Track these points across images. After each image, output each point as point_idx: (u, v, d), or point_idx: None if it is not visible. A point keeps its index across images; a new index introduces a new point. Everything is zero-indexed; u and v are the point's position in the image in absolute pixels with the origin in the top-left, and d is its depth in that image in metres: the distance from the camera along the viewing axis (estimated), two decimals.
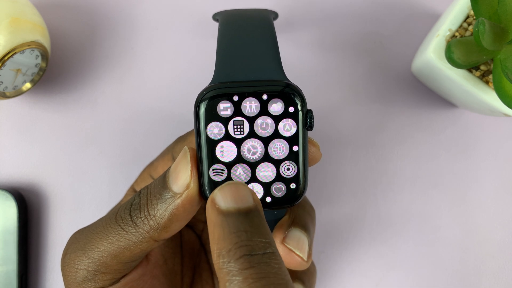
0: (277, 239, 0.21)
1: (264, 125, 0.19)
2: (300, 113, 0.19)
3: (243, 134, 0.19)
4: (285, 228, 0.21)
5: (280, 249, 0.21)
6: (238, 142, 0.19)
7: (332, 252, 0.34)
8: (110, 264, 0.20)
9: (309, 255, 0.21)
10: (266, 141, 0.19)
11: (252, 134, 0.19)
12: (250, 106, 0.18)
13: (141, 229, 0.19)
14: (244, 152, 0.19)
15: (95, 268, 0.20)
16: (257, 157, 0.19)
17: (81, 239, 0.20)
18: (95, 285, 0.20)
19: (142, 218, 0.19)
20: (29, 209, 0.34)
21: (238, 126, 0.19)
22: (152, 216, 0.19)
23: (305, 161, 0.19)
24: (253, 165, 0.19)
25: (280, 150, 0.19)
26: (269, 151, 0.19)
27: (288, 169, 0.19)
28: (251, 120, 0.19)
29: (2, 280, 0.31)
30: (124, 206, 0.20)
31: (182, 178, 0.19)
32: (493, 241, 0.34)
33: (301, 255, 0.21)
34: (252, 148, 0.19)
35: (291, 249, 0.21)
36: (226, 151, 0.19)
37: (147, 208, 0.19)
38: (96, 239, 0.20)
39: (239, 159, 0.19)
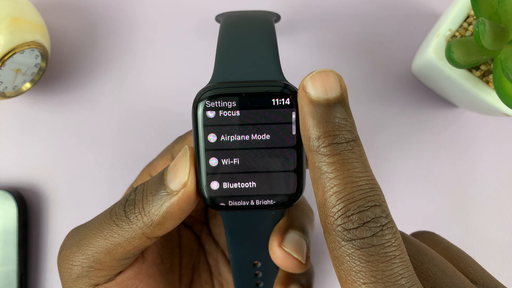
0: (275, 242, 0.21)
1: (261, 125, 0.19)
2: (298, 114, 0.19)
3: (241, 134, 0.19)
4: (283, 231, 0.21)
5: (278, 252, 0.21)
6: (236, 142, 0.19)
7: None
8: (104, 261, 0.20)
9: (307, 257, 0.21)
10: (264, 142, 0.19)
11: (250, 134, 0.19)
12: (248, 106, 0.18)
13: (134, 225, 0.19)
14: (242, 151, 0.19)
15: (89, 264, 0.20)
16: (255, 158, 0.19)
17: (76, 236, 0.21)
18: (89, 281, 0.20)
19: (136, 214, 0.19)
20: (29, 209, 0.34)
21: (236, 126, 0.19)
22: (146, 212, 0.19)
23: (302, 161, 0.19)
24: (251, 165, 0.19)
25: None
26: (267, 152, 0.19)
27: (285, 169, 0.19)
28: (249, 120, 0.19)
29: (2, 280, 0.31)
30: (119, 202, 0.20)
31: (180, 176, 0.19)
32: (493, 241, 0.34)
33: (299, 258, 0.21)
34: (250, 147, 0.19)
35: (289, 253, 0.21)
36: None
37: (142, 204, 0.19)
38: (90, 235, 0.20)
39: (237, 158, 0.19)
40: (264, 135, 0.19)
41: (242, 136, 0.19)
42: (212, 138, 0.19)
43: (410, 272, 0.16)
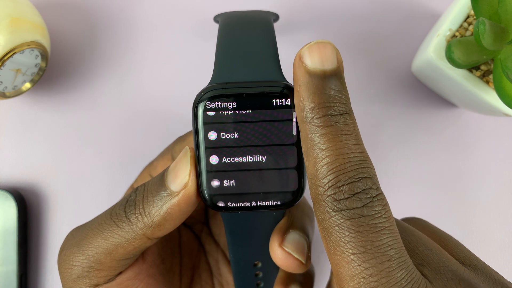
0: (276, 242, 0.21)
1: (262, 126, 0.19)
2: None
3: (242, 135, 0.19)
4: (283, 231, 0.21)
5: (279, 252, 0.21)
6: (237, 143, 0.19)
7: None
8: (104, 261, 0.20)
9: (308, 258, 0.21)
10: (264, 142, 0.19)
11: (250, 134, 0.19)
12: (249, 106, 0.18)
13: (134, 226, 0.19)
14: (242, 153, 0.19)
15: (89, 265, 0.20)
16: (255, 158, 0.19)
17: (77, 236, 0.21)
18: (90, 282, 0.20)
19: (136, 215, 0.19)
20: (29, 209, 0.34)
21: (237, 127, 0.19)
22: (146, 213, 0.19)
23: (303, 162, 0.19)
24: (251, 165, 0.19)
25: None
26: (268, 152, 0.19)
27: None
28: (249, 120, 0.19)
29: (2, 280, 0.31)
30: (120, 202, 0.20)
31: (181, 177, 0.19)
32: (493, 241, 0.34)
33: (299, 258, 0.21)
34: (250, 149, 0.19)
35: (290, 253, 0.21)
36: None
37: (143, 204, 0.19)
38: (90, 235, 0.20)
39: (238, 159, 0.19)
40: (265, 136, 0.19)
41: (242, 137, 0.19)
42: (212, 136, 0.19)
43: (399, 244, 0.16)
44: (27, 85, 0.32)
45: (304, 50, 0.17)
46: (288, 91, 0.18)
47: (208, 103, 0.18)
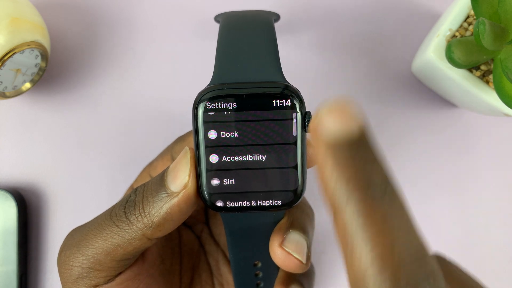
0: (276, 242, 0.21)
1: (262, 127, 0.19)
2: (299, 115, 0.19)
3: (242, 135, 0.19)
4: (283, 231, 0.21)
5: (279, 252, 0.21)
6: (237, 144, 0.19)
7: (332, 253, 0.34)
8: (104, 262, 0.20)
9: (308, 257, 0.21)
10: (264, 141, 0.19)
11: (250, 135, 0.19)
12: (249, 107, 0.18)
13: (134, 226, 0.19)
14: (243, 153, 0.19)
15: (89, 265, 0.20)
16: (255, 158, 0.19)
17: (76, 236, 0.21)
18: (90, 282, 0.20)
19: (136, 215, 0.19)
20: (29, 209, 0.34)
21: (237, 127, 0.19)
22: (146, 214, 0.19)
23: (303, 162, 0.19)
24: (251, 166, 0.19)
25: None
26: (268, 151, 0.19)
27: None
28: (250, 121, 0.19)
29: (2, 280, 0.31)
30: (119, 203, 0.20)
31: (181, 177, 0.19)
32: (493, 241, 0.34)
33: (300, 258, 0.21)
34: (251, 150, 0.19)
35: (290, 253, 0.21)
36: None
37: (142, 205, 0.19)
38: (90, 235, 0.20)
39: (238, 160, 0.19)
40: (265, 137, 0.19)
41: (243, 137, 0.19)
42: (212, 135, 0.19)
43: None
44: (27, 85, 0.32)
45: (323, 115, 0.14)
46: (288, 91, 0.18)
47: (208, 104, 0.18)
